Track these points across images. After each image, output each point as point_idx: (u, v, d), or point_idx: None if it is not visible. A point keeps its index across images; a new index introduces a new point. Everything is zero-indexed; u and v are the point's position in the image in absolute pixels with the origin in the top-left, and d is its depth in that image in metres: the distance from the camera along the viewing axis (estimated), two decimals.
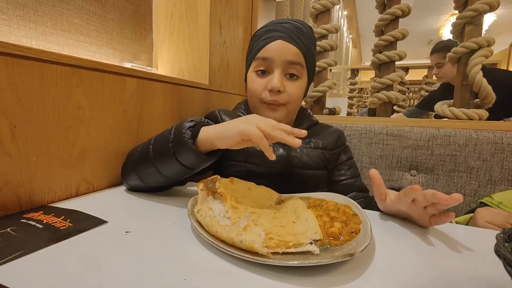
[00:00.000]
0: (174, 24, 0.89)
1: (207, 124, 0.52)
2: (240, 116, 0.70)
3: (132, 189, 0.56)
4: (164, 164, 0.49)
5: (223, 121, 0.68)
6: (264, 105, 0.65)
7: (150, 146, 0.51)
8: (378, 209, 0.52)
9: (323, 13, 1.10)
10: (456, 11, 0.95)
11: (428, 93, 2.48)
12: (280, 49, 0.62)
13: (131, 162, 0.55)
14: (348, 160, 0.72)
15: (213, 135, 0.47)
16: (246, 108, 0.73)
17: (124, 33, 0.79)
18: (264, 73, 0.65)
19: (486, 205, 0.58)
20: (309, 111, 0.78)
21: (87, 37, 0.68)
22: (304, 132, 0.47)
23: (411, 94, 3.35)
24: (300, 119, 0.72)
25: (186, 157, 0.47)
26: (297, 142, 0.44)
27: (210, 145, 0.48)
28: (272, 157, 0.45)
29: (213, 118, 0.70)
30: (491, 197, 0.59)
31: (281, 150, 0.65)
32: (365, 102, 3.32)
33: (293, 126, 0.65)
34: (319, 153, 0.67)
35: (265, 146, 0.43)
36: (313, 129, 0.72)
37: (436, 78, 2.02)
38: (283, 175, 0.64)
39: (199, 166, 0.49)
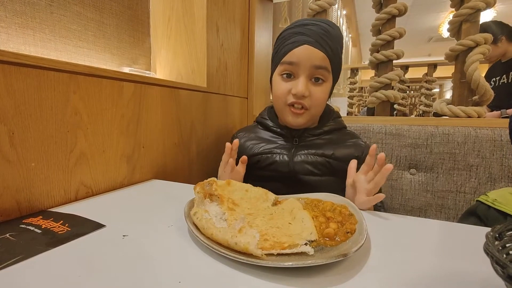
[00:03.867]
0: (171, 28, 0.90)
1: None
2: (259, 122, 0.78)
3: None
4: None
5: (239, 144, 0.72)
6: (288, 109, 0.67)
7: None
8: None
9: (320, 14, 1.10)
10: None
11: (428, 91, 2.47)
12: (306, 54, 0.63)
13: None
14: None
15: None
16: (269, 113, 0.77)
17: (122, 38, 0.79)
18: (289, 76, 0.66)
19: (482, 203, 0.58)
20: (338, 113, 0.77)
21: (85, 42, 0.69)
22: None
23: (412, 92, 3.35)
24: (325, 120, 0.73)
25: None
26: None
27: None
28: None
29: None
30: (486, 195, 0.59)
31: (285, 157, 0.68)
32: (365, 101, 3.31)
33: (317, 127, 0.72)
34: (325, 161, 0.66)
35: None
36: (334, 135, 0.71)
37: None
38: (289, 180, 0.67)
39: None
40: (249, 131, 0.78)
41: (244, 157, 0.64)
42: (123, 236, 0.38)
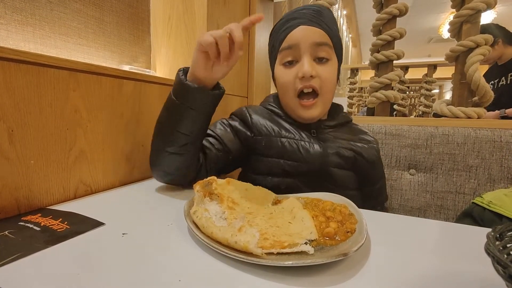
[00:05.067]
0: (171, 27, 0.90)
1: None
2: (269, 109, 0.68)
3: (166, 177, 0.57)
4: (180, 121, 0.51)
5: (251, 117, 0.65)
6: (298, 103, 0.61)
7: (159, 119, 0.54)
8: None
9: None
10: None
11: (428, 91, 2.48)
12: (303, 34, 0.58)
13: (154, 144, 0.55)
14: (372, 177, 0.67)
15: (191, 65, 0.51)
16: (275, 101, 0.69)
17: (122, 35, 0.79)
18: (291, 63, 0.61)
19: (478, 205, 0.58)
20: (342, 106, 0.73)
21: (85, 40, 0.69)
22: (260, 15, 0.49)
23: (412, 93, 3.35)
24: (333, 114, 0.69)
25: (191, 98, 0.50)
26: (257, 17, 0.48)
27: (195, 78, 0.51)
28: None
29: (240, 115, 0.67)
30: (481, 197, 0.59)
31: (316, 147, 0.61)
32: (365, 101, 3.32)
33: (330, 119, 0.68)
34: (353, 155, 0.63)
35: (213, 53, 0.48)
36: (347, 128, 0.69)
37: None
38: (318, 174, 0.61)
39: (207, 101, 0.52)
40: (262, 111, 0.67)
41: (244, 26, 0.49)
42: (123, 234, 0.37)
